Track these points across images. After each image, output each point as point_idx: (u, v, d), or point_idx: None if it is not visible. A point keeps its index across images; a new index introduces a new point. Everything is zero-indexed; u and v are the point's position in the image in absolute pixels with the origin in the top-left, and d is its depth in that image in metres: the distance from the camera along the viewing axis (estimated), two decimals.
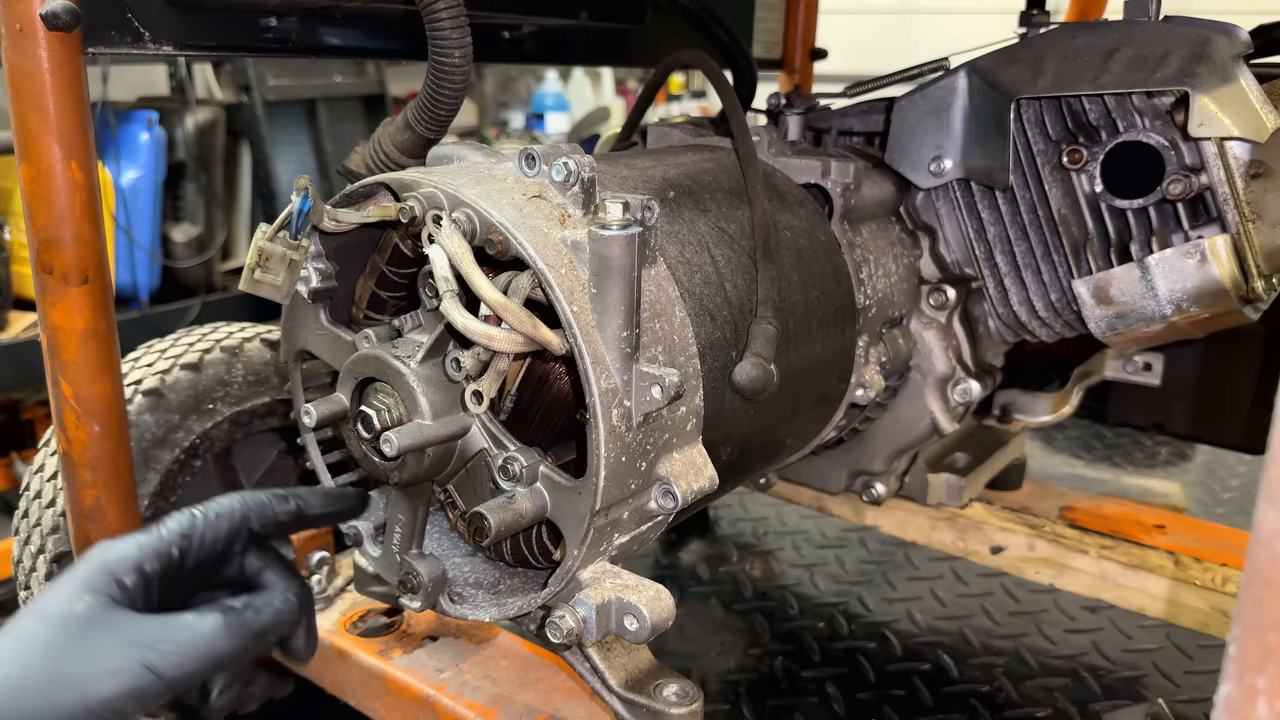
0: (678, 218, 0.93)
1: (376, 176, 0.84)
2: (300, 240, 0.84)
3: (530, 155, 0.80)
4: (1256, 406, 1.59)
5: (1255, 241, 1.05)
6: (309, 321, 0.90)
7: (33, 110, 0.85)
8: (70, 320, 0.90)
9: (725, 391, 0.88)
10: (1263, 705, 0.31)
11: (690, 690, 0.86)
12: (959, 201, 1.22)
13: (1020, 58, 1.14)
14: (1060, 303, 1.18)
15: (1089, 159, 1.12)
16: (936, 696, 1.30)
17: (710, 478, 0.84)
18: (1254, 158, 1.03)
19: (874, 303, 1.13)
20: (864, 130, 1.34)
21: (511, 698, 0.94)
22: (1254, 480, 2.05)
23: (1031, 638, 1.44)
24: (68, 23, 0.83)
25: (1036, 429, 1.74)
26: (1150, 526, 1.38)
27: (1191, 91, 1.01)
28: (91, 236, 0.90)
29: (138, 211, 2.90)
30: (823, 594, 1.55)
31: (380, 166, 1.01)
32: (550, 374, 0.86)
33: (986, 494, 1.45)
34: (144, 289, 2.93)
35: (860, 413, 1.19)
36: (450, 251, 0.74)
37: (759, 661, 1.38)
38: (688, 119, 1.30)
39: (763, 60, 1.94)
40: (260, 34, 1.07)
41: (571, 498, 0.77)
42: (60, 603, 0.61)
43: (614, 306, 0.73)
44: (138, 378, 1.19)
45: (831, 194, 1.11)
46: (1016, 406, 1.45)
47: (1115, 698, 1.31)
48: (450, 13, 0.91)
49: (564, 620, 0.77)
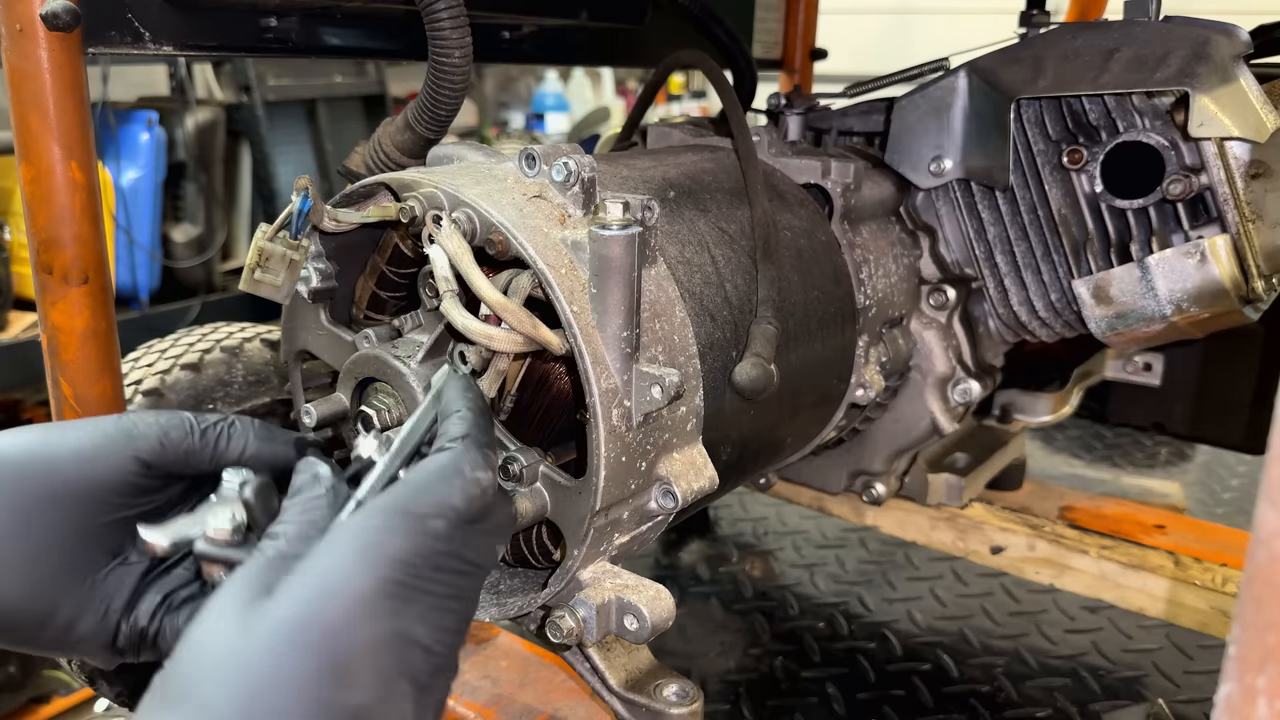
0: (678, 218, 0.93)
1: (376, 176, 0.84)
2: (300, 240, 0.84)
3: (530, 155, 0.80)
4: (1256, 406, 1.59)
5: (1255, 241, 1.05)
6: (309, 321, 0.90)
7: (33, 110, 0.85)
8: (70, 320, 0.90)
9: (725, 391, 0.88)
10: (1263, 705, 0.31)
11: (690, 690, 0.86)
12: (959, 201, 1.22)
13: (1020, 58, 1.14)
14: (1060, 303, 1.18)
15: (1089, 159, 1.12)
16: (936, 696, 1.30)
17: (710, 478, 0.84)
18: (1254, 158, 1.03)
19: (874, 303, 1.13)
20: (864, 130, 1.34)
21: (511, 698, 0.94)
22: (1254, 480, 2.05)
23: (1031, 638, 1.44)
24: (68, 23, 0.83)
25: (1036, 429, 1.74)
26: (1150, 526, 1.38)
27: (1191, 91, 1.01)
28: (91, 236, 0.90)
29: (138, 211, 2.90)
30: (823, 594, 1.55)
31: (380, 166, 1.01)
32: (550, 374, 0.86)
33: (986, 494, 1.45)
34: (144, 289, 2.94)
35: (860, 413, 1.19)
36: (450, 251, 0.74)
37: (759, 661, 1.38)
38: (688, 119, 1.30)
39: (763, 60, 1.94)
40: (260, 34, 1.07)
41: (571, 498, 0.77)
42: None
43: (614, 306, 0.73)
44: (138, 378, 1.19)
45: (831, 194, 1.11)
46: (1016, 406, 1.45)
47: (1115, 698, 1.30)
48: (450, 13, 0.91)
49: (564, 620, 0.77)
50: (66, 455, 0.60)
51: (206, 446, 0.66)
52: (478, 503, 0.57)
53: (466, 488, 0.56)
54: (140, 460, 0.63)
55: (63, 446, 0.61)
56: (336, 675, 0.46)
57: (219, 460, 0.66)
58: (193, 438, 0.65)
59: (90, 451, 0.61)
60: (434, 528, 0.53)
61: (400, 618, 0.50)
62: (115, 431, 0.63)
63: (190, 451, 0.65)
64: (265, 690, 0.45)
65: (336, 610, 0.48)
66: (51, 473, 0.60)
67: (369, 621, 0.48)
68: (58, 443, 0.61)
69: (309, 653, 0.46)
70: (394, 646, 0.49)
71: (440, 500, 0.55)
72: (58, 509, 0.59)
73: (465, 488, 0.56)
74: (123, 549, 0.63)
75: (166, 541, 0.60)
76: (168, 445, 0.64)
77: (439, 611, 0.52)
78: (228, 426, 0.67)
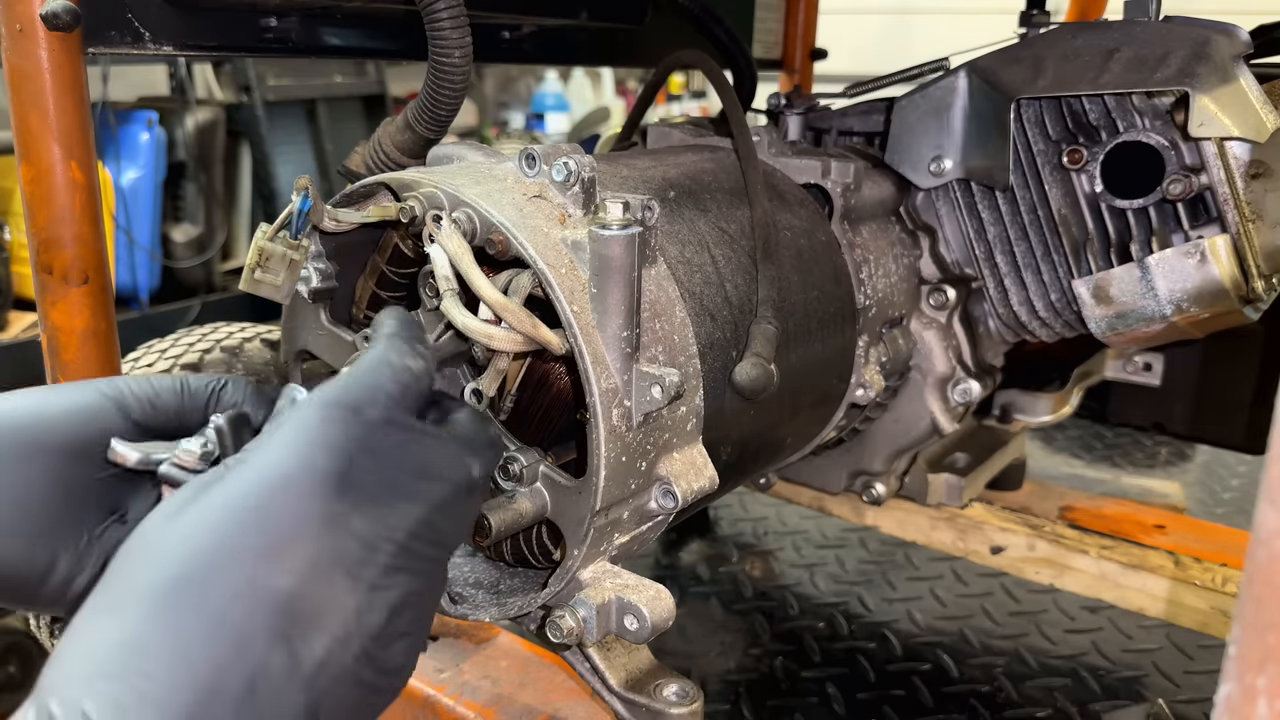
0: (678, 218, 0.93)
1: (376, 176, 0.84)
2: (300, 240, 0.84)
3: (530, 155, 0.80)
4: (1256, 406, 1.59)
5: (1255, 241, 1.05)
6: (309, 321, 0.90)
7: (33, 110, 0.85)
8: (70, 320, 0.90)
9: (725, 391, 0.88)
10: (1263, 705, 0.31)
11: (690, 690, 0.86)
12: (959, 201, 1.22)
13: (1020, 58, 1.14)
14: (1060, 303, 1.18)
15: (1089, 159, 1.12)
16: (936, 696, 1.30)
17: (710, 478, 0.84)
18: (1254, 158, 1.03)
19: (874, 303, 1.13)
20: (864, 130, 1.34)
21: (511, 698, 0.94)
22: (1254, 480, 2.05)
23: (1031, 638, 1.44)
24: (68, 23, 0.83)
25: (1036, 429, 1.74)
26: (1150, 526, 1.38)
27: (1191, 91, 1.01)
28: (91, 236, 0.90)
29: (138, 211, 2.90)
30: (823, 594, 1.55)
31: (380, 166, 1.01)
32: (550, 374, 0.86)
33: (986, 494, 1.45)
34: (144, 289, 2.94)
35: (860, 413, 1.19)
36: (450, 251, 0.74)
37: (759, 661, 1.38)
38: (688, 119, 1.29)
39: (763, 60, 1.94)
40: (260, 34, 1.07)
41: (571, 498, 0.77)
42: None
43: (614, 306, 0.73)
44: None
45: (831, 194, 1.11)
46: (1016, 406, 1.45)
47: (1115, 698, 1.30)
48: (450, 13, 0.91)
49: (564, 620, 0.77)
50: (59, 413, 0.61)
51: (198, 406, 0.66)
52: (413, 389, 0.57)
53: (397, 374, 0.56)
54: (131, 419, 0.63)
55: (56, 405, 0.61)
56: (264, 555, 0.46)
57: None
58: (183, 397, 0.66)
59: (82, 409, 0.62)
60: (368, 416, 0.53)
61: (334, 504, 0.49)
62: (108, 390, 0.63)
63: (181, 412, 0.65)
64: (195, 570, 0.45)
65: (265, 493, 0.48)
66: (45, 429, 0.60)
67: (299, 505, 0.48)
68: (53, 402, 0.61)
69: (238, 532, 0.47)
70: (327, 535, 0.48)
71: (371, 386, 0.55)
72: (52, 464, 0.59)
73: (395, 374, 0.56)
74: (120, 506, 0.64)
75: (135, 456, 0.60)
76: (159, 406, 0.64)
77: (379, 506, 0.51)
78: (219, 386, 0.67)
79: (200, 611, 0.44)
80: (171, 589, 0.45)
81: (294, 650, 0.45)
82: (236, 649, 0.44)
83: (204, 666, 0.43)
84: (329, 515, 0.49)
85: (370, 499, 0.51)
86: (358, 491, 0.50)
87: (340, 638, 0.48)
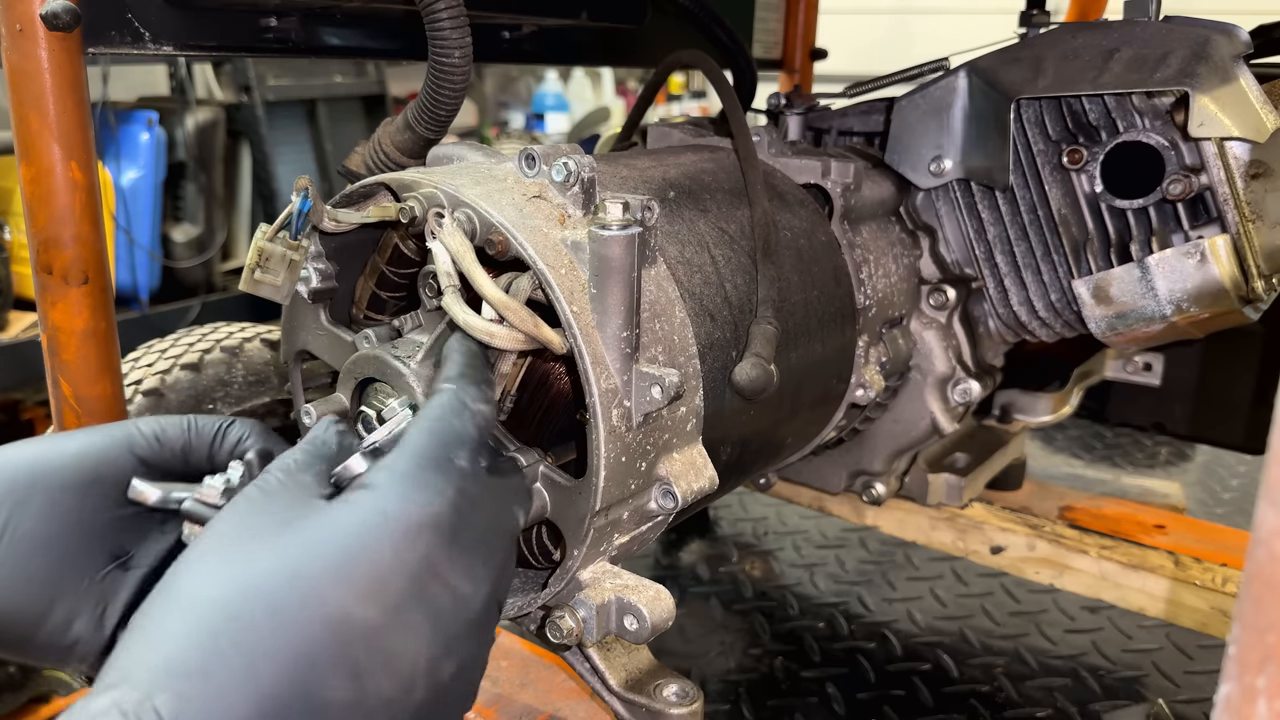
0: (678, 218, 0.93)
1: (376, 176, 0.83)
2: (300, 240, 0.84)
3: (530, 155, 0.80)
4: (1256, 406, 1.59)
5: (1255, 241, 1.05)
6: (309, 321, 0.90)
7: (33, 110, 0.85)
8: (70, 320, 0.90)
9: (725, 391, 0.88)
10: (1263, 705, 0.31)
11: (690, 690, 0.86)
12: (959, 201, 1.22)
13: (1020, 58, 1.14)
14: (1060, 303, 1.18)
15: (1089, 159, 1.12)
16: (936, 696, 1.30)
17: (710, 478, 0.84)
18: (1254, 158, 1.03)
19: (874, 303, 1.13)
20: (864, 130, 1.34)
21: (511, 698, 0.94)
22: (1254, 480, 2.05)
23: (1031, 638, 1.44)
24: (68, 23, 0.83)
25: (1036, 429, 1.74)
26: (1150, 526, 1.38)
27: (1191, 91, 1.01)
28: (91, 236, 0.90)
29: (138, 211, 2.90)
30: (823, 594, 1.55)
31: (380, 166, 1.01)
32: (550, 374, 0.86)
33: (986, 494, 1.45)
34: (144, 289, 2.93)
35: (860, 413, 1.19)
36: (452, 249, 0.74)
37: (759, 661, 1.38)
38: (688, 119, 1.29)
39: (763, 60, 1.94)
40: (260, 34, 1.07)
41: (571, 498, 0.77)
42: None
43: (614, 306, 0.73)
44: (138, 378, 1.19)
45: (831, 194, 1.11)
46: (1016, 406, 1.45)
47: (1115, 698, 1.31)
48: (450, 13, 0.91)
49: (564, 620, 0.77)
50: (71, 455, 0.61)
51: (204, 443, 0.66)
52: (485, 433, 0.57)
53: (475, 419, 0.57)
54: (139, 457, 0.63)
55: (68, 448, 0.62)
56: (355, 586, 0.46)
57: (217, 458, 0.67)
58: (189, 434, 0.66)
59: (92, 450, 0.62)
60: (460, 465, 0.53)
61: (436, 552, 0.49)
62: (118, 431, 0.64)
63: (187, 448, 0.66)
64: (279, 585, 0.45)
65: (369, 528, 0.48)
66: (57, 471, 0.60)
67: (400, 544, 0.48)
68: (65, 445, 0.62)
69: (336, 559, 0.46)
70: (422, 580, 0.48)
71: (460, 433, 0.55)
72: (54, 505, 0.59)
73: (474, 419, 0.57)
74: (124, 550, 0.63)
75: (156, 494, 0.60)
76: (164, 441, 0.65)
77: (471, 560, 0.51)
78: (225, 425, 0.68)
79: (278, 628, 0.44)
80: (252, 598, 0.44)
81: (362, 685, 0.45)
82: (308, 670, 0.44)
83: (270, 682, 0.43)
84: (429, 562, 0.49)
85: (464, 551, 0.51)
86: (455, 543, 0.50)
87: (407, 684, 0.47)
